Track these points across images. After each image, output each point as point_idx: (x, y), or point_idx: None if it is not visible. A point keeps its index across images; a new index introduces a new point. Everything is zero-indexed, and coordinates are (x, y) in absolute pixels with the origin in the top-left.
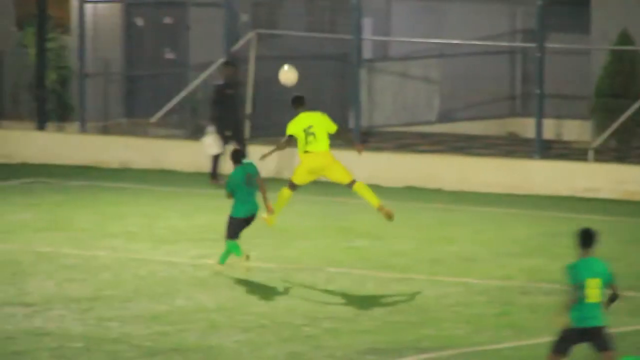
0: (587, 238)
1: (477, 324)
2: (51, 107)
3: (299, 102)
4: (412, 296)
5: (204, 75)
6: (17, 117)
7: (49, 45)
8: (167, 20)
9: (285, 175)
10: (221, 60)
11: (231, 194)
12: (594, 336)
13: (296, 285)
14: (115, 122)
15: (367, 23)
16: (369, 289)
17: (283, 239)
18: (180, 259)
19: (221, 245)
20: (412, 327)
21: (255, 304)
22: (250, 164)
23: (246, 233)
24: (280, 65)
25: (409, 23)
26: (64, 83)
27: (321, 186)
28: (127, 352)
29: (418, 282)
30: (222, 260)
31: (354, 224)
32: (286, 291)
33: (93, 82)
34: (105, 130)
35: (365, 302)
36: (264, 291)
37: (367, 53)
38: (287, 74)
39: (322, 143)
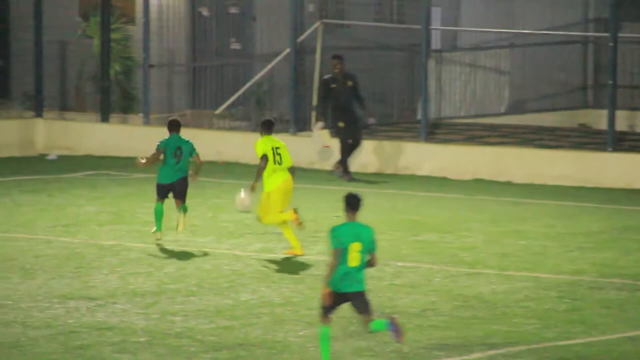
0: (352, 202)
1: (547, 319)
2: (115, 98)
3: (269, 127)
4: (481, 291)
5: (269, 67)
6: (80, 108)
7: (113, 35)
8: (233, 10)
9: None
10: (287, 50)
11: (160, 153)
12: (354, 299)
13: None
14: (179, 113)
15: (435, 13)
16: (437, 284)
17: None
18: (244, 253)
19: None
20: (481, 323)
21: (319, 298)
22: (187, 142)
23: (311, 227)
24: (348, 56)
25: (479, 13)
26: (128, 74)
27: (389, 178)
28: (191, 346)
29: (487, 277)
30: (158, 227)
31: (422, 217)
32: None
33: (157, 73)
34: None
35: (433, 296)
36: None
37: (435, 43)
38: (243, 201)
39: (288, 164)
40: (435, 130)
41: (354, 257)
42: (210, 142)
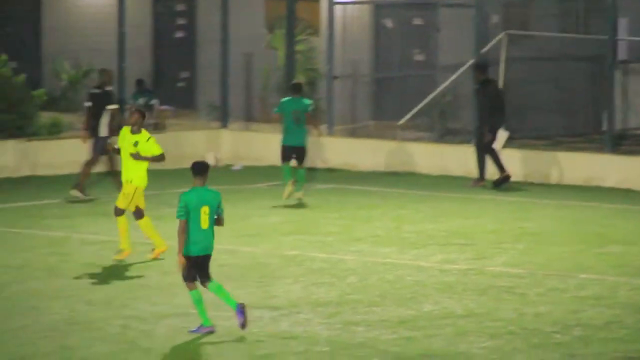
0: (198, 168)
1: None
2: None
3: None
4: None
5: (452, 77)
6: (265, 119)
7: (298, 47)
8: (417, 21)
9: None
10: (471, 62)
11: (279, 116)
12: (204, 263)
13: (546, 292)
14: (362, 124)
15: (622, 23)
16: (622, 296)
17: (533, 244)
18: (427, 263)
19: (469, 250)
20: None
21: (504, 310)
22: (303, 101)
23: (493, 238)
24: (531, 67)
25: None
26: (312, 85)
27: (572, 190)
28: (373, 357)
29: None
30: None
31: (607, 229)
32: (535, 297)
33: (341, 84)
34: (353, 133)
35: (618, 309)
36: (513, 297)
37: (622, 54)
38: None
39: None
40: (621, 142)
41: (204, 220)
42: (393, 153)
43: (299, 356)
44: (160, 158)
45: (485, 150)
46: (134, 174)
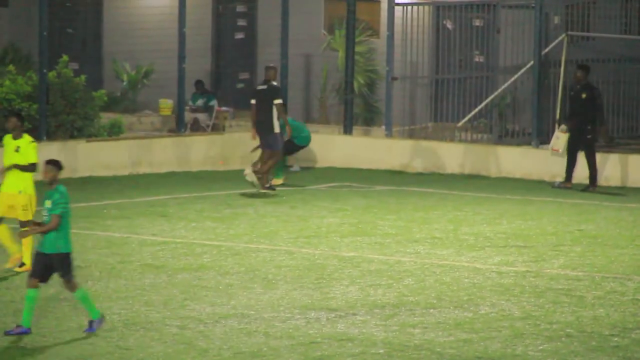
0: (60, 164)
1: None
2: (358, 110)
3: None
4: None
5: (512, 79)
6: (324, 120)
7: (358, 48)
8: (477, 22)
9: None
10: (531, 62)
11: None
12: (62, 262)
13: (604, 294)
14: (421, 126)
15: None
16: None
17: (592, 247)
18: (484, 266)
19: (527, 252)
20: None
21: (561, 312)
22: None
23: (552, 240)
24: (593, 68)
25: None
26: (371, 86)
27: (632, 192)
28: (430, 359)
29: None
30: (278, 175)
31: None
32: (594, 300)
33: (400, 85)
34: (411, 135)
35: None
36: (571, 300)
37: None
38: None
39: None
40: None
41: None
42: (451, 155)
43: (355, 358)
44: (31, 168)
45: (590, 152)
46: (24, 183)
